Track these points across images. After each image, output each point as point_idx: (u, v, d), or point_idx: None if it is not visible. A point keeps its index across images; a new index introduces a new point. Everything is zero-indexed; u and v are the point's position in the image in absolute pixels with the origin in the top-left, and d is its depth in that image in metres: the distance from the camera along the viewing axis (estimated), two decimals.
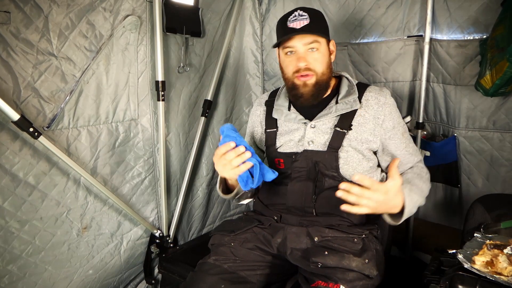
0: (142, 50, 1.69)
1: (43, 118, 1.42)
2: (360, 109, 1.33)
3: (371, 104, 1.33)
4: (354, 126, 1.31)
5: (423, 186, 1.30)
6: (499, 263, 1.00)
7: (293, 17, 1.29)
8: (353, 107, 1.31)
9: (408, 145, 1.38)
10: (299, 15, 1.28)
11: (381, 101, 1.33)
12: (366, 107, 1.33)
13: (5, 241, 1.41)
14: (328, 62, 1.32)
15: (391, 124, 1.33)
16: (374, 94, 1.35)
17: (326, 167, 1.31)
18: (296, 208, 1.35)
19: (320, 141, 1.33)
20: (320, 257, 1.16)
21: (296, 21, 1.28)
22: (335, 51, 1.37)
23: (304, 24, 1.26)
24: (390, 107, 1.34)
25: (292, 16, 1.29)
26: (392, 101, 1.36)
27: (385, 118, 1.32)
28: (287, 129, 1.41)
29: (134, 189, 1.82)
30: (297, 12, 1.29)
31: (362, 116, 1.32)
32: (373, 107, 1.33)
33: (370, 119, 1.32)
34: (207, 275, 1.24)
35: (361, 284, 1.14)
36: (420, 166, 1.40)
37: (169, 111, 1.90)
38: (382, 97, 1.34)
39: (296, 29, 1.26)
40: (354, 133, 1.31)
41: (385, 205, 1.10)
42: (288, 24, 1.29)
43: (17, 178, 1.39)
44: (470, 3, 1.61)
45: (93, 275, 1.74)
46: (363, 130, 1.31)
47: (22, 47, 1.31)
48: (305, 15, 1.27)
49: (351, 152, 1.31)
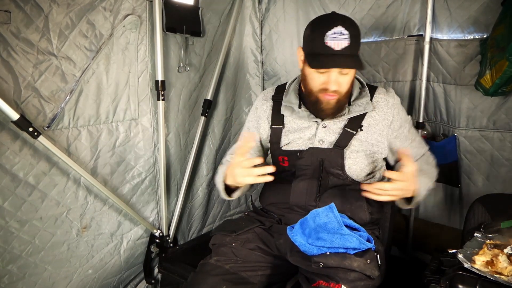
0: (142, 49, 1.69)
1: (43, 118, 1.42)
2: (371, 110, 1.34)
3: (381, 106, 1.35)
4: (365, 127, 1.33)
5: (432, 170, 1.37)
6: (499, 263, 1.00)
7: (332, 34, 1.17)
8: (366, 109, 1.33)
9: (414, 139, 1.41)
10: (340, 34, 1.17)
11: (390, 102, 1.36)
12: (376, 108, 1.35)
13: (5, 241, 1.41)
14: (353, 80, 1.29)
15: (398, 124, 1.36)
16: (383, 96, 1.37)
17: (331, 164, 1.31)
18: (299, 206, 1.35)
19: (330, 140, 1.34)
20: (321, 257, 1.16)
21: (336, 40, 1.17)
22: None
23: (344, 46, 1.17)
24: (398, 108, 1.37)
25: (331, 32, 1.17)
26: (398, 100, 1.39)
27: (393, 119, 1.35)
28: (296, 126, 1.39)
29: (135, 189, 1.82)
30: (338, 29, 1.17)
31: (373, 118, 1.34)
32: (382, 109, 1.35)
33: (380, 120, 1.34)
34: (209, 276, 1.24)
35: (362, 284, 1.14)
36: (427, 154, 1.44)
37: (169, 111, 1.90)
38: (390, 98, 1.37)
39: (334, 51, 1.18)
40: (364, 134, 1.33)
41: (406, 191, 1.18)
42: (326, 41, 1.18)
43: (17, 178, 1.39)
44: (470, 3, 1.61)
45: (92, 275, 1.74)
46: (373, 131, 1.34)
47: (22, 46, 1.31)
48: (346, 34, 1.17)
49: (357, 152, 1.32)
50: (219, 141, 2.26)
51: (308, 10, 2.11)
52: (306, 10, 2.12)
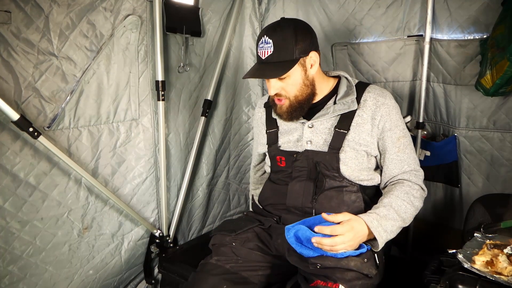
0: (143, 49, 1.69)
1: (44, 118, 1.42)
2: (359, 109, 1.32)
3: (369, 105, 1.32)
4: (353, 126, 1.31)
5: (407, 207, 1.24)
6: (499, 263, 1.00)
7: (261, 44, 1.26)
8: (351, 107, 1.31)
9: (403, 151, 1.32)
10: (266, 43, 1.24)
11: (379, 101, 1.32)
12: (364, 107, 1.32)
13: (6, 241, 1.41)
14: (302, 82, 1.28)
15: (388, 126, 1.31)
16: (373, 95, 1.33)
17: (327, 167, 1.31)
18: (296, 208, 1.35)
19: (319, 141, 1.34)
20: (318, 258, 1.16)
21: (262, 49, 1.25)
22: (317, 61, 1.30)
23: (268, 55, 1.24)
24: (388, 108, 1.31)
25: (261, 41, 1.26)
26: (392, 103, 1.34)
27: (381, 119, 1.31)
28: (287, 128, 1.41)
29: (135, 189, 1.82)
30: (264, 38, 1.25)
31: (360, 117, 1.31)
32: (370, 108, 1.32)
33: (368, 119, 1.31)
34: (209, 276, 1.24)
35: (360, 284, 1.14)
36: (412, 181, 1.30)
37: (170, 111, 1.90)
38: (381, 98, 1.32)
39: (262, 60, 1.26)
40: (352, 134, 1.31)
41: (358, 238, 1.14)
42: (258, 51, 1.28)
43: (18, 179, 1.39)
44: (470, 3, 1.61)
45: (93, 276, 1.74)
46: (361, 130, 1.31)
47: (22, 47, 1.31)
48: (270, 43, 1.23)
49: (349, 153, 1.30)
50: (219, 141, 2.26)
51: (308, 10, 2.11)
52: (306, 10, 2.12)
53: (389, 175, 1.34)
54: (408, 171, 1.32)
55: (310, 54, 1.28)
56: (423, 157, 1.90)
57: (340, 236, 1.10)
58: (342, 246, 1.11)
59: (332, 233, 1.10)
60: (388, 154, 1.32)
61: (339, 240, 1.10)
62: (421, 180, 1.33)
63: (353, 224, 1.13)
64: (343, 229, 1.11)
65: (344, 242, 1.11)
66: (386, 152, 1.33)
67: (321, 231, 1.11)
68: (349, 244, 1.12)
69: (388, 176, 1.34)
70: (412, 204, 1.26)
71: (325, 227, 1.12)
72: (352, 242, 1.13)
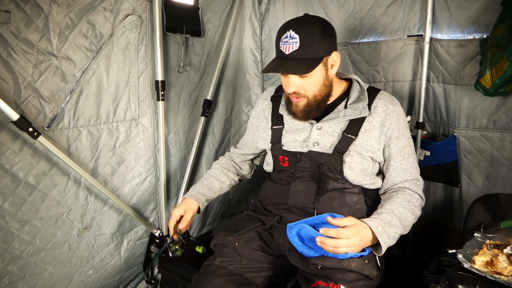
0: (143, 49, 1.69)
1: (43, 118, 1.42)
2: (369, 115, 1.31)
3: (379, 112, 1.31)
4: (361, 132, 1.30)
5: (407, 216, 1.24)
6: (499, 263, 1.00)
7: (284, 38, 1.20)
8: (362, 114, 1.29)
9: (407, 160, 1.32)
10: (291, 38, 1.19)
11: (389, 109, 1.31)
12: (374, 113, 1.31)
13: (5, 241, 1.41)
14: (322, 82, 1.26)
15: (396, 134, 1.30)
16: (383, 102, 1.32)
17: (330, 169, 1.31)
18: (297, 208, 1.35)
19: (326, 144, 1.32)
20: (319, 259, 1.16)
21: (286, 44, 1.20)
22: (338, 61, 1.28)
23: (293, 50, 1.19)
24: (397, 116, 1.31)
25: (284, 36, 1.21)
26: (401, 111, 1.34)
27: (390, 126, 1.30)
28: (293, 126, 1.39)
29: (135, 189, 1.82)
30: (289, 33, 1.19)
31: (370, 123, 1.31)
32: (380, 115, 1.31)
33: (377, 126, 1.30)
34: (213, 277, 1.24)
35: (361, 285, 1.14)
36: (413, 190, 1.31)
37: (169, 111, 1.90)
38: (391, 105, 1.32)
39: (285, 55, 1.20)
40: (360, 140, 1.30)
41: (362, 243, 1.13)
42: (280, 46, 1.22)
43: (18, 178, 1.39)
44: (470, 3, 1.62)
45: (93, 275, 1.74)
46: (369, 137, 1.30)
47: (22, 46, 1.31)
48: (296, 38, 1.18)
49: (355, 157, 1.30)
50: (219, 141, 2.26)
51: (308, 10, 2.11)
52: (306, 10, 2.12)
53: (391, 183, 1.34)
54: (409, 179, 1.33)
55: (332, 54, 1.25)
56: (423, 157, 1.90)
57: (345, 239, 1.08)
58: (345, 249, 1.09)
59: (337, 236, 1.08)
60: (393, 162, 1.32)
61: (343, 243, 1.08)
62: (421, 190, 1.33)
63: (359, 228, 1.11)
64: (348, 232, 1.09)
65: (348, 246, 1.09)
66: (391, 160, 1.32)
67: (326, 233, 1.09)
68: (353, 248, 1.11)
69: (390, 183, 1.34)
70: (413, 212, 1.26)
71: (330, 230, 1.10)
72: (356, 247, 1.11)
